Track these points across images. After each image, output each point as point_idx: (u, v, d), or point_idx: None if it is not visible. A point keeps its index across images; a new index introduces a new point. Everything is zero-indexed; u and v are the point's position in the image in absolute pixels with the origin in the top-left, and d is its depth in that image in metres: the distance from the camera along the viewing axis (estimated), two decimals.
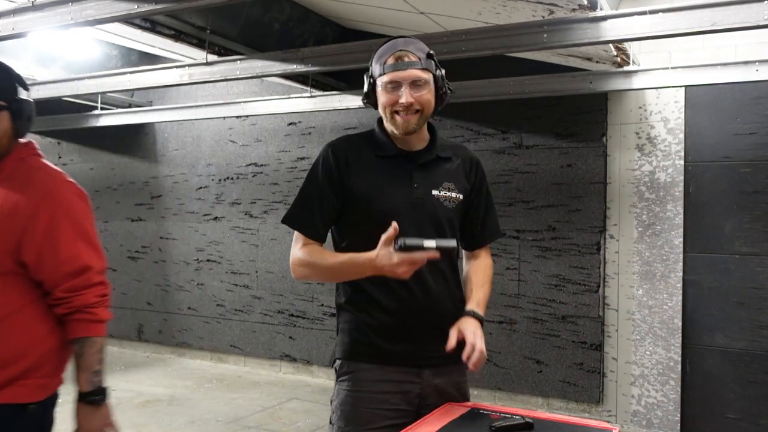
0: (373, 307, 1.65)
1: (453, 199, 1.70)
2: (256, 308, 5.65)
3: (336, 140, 1.73)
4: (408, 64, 1.59)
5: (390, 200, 1.64)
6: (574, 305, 4.32)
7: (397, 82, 1.59)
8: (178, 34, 3.64)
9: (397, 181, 1.67)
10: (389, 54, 1.61)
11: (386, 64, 1.61)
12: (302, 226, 1.68)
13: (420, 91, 1.60)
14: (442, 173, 1.71)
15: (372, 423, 1.62)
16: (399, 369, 1.65)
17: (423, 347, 1.66)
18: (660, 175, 4.07)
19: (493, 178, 4.59)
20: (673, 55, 3.94)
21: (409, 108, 1.60)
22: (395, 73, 1.59)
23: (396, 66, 1.59)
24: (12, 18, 2.85)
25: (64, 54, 4.84)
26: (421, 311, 1.65)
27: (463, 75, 4.26)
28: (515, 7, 3.04)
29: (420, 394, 1.66)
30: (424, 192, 1.67)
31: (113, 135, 6.35)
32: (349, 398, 1.65)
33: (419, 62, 1.60)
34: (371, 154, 1.69)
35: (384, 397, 1.63)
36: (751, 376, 3.85)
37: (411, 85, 1.59)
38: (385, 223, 1.58)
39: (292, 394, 4.91)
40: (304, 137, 5.42)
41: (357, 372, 1.66)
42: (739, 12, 2.59)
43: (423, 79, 1.60)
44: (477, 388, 4.64)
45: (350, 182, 1.65)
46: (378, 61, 1.64)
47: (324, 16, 4.38)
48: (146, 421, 4.21)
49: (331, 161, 1.67)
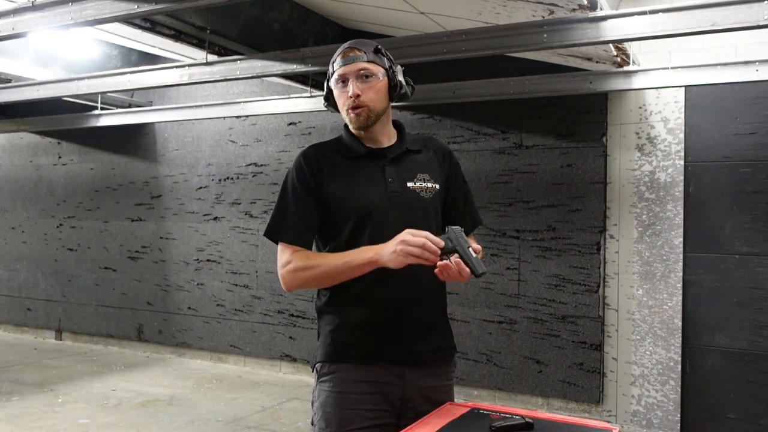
0: (356, 303, 1.65)
1: (429, 189, 1.70)
2: (256, 308, 5.65)
3: (306, 148, 1.74)
4: (353, 58, 1.63)
5: (366, 198, 1.65)
6: (574, 305, 4.32)
7: (345, 76, 1.63)
8: (178, 34, 3.64)
9: (370, 179, 1.67)
10: (338, 54, 1.66)
11: (335, 62, 1.66)
12: (287, 236, 1.66)
13: (366, 83, 1.62)
14: (415, 165, 1.72)
15: (353, 424, 1.62)
16: (382, 368, 1.64)
17: (408, 343, 1.66)
18: (660, 175, 4.08)
19: (493, 178, 4.59)
20: (673, 55, 3.95)
21: (356, 99, 1.62)
22: (342, 67, 1.63)
23: (343, 61, 1.64)
24: (12, 18, 2.85)
25: (64, 54, 4.84)
26: (408, 306, 1.65)
27: (463, 75, 4.27)
28: (515, 7, 3.04)
29: (402, 396, 1.65)
30: (399, 185, 1.67)
31: (113, 135, 6.35)
32: (330, 399, 1.65)
33: (365, 55, 1.63)
34: (341, 157, 1.70)
35: (364, 398, 1.63)
36: (751, 376, 3.86)
37: (358, 78, 1.62)
38: (365, 221, 1.62)
39: (292, 394, 4.91)
40: (304, 137, 5.42)
41: (338, 372, 1.65)
42: (739, 12, 2.59)
43: (369, 71, 1.62)
44: (477, 388, 4.64)
45: (325, 187, 1.65)
46: (330, 63, 1.69)
47: (324, 16, 4.38)
48: (146, 421, 4.21)
49: (304, 169, 1.67)
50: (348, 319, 1.66)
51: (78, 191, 6.69)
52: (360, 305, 1.65)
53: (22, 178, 7.11)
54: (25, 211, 7.09)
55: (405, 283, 1.62)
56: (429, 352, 1.69)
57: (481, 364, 4.62)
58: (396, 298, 1.64)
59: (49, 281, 6.90)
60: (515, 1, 2.97)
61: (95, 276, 6.57)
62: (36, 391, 4.83)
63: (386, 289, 1.62)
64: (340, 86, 1.65)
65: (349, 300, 1.66)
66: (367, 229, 1.63)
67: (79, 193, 6.68)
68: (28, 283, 7.05)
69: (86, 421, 4.16)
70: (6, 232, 7.24)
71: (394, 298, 1.64)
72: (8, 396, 4.69)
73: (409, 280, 1.62)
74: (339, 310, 1.67)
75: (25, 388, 4.93)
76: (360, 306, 1.65)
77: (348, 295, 1.65)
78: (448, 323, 1.79)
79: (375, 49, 1.66)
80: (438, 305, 1.74)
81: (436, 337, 1.73)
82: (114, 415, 4.33)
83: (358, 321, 1.65)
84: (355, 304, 1.65)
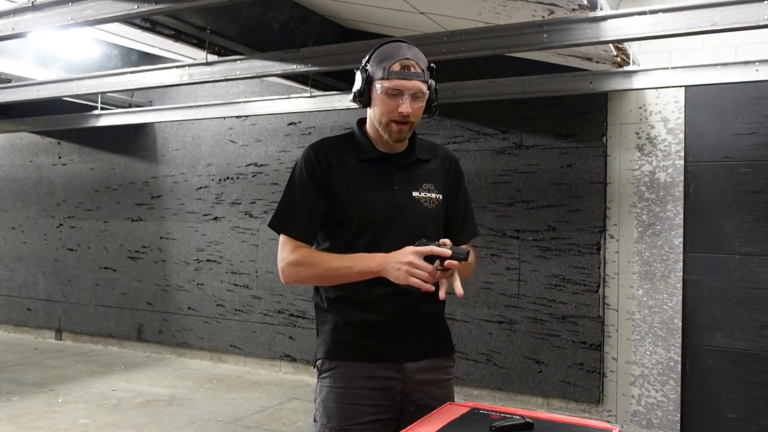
0: (354, 306, 1.66)
1: (433, 200, 1.71)
2: (256, 308, 5.65)
3: (316, 143, 1.72)
4: (413, 75, 1.58)
5: (372, 203, 1.65)
6: (574, 305, 4.32)
7: (401, 90, 1.58)
8: (178, 34, 3.64)
9: (378, 184, 1.67)
10: (395, 60, 1.58)
11: (390, 69, 1.57)
12: (291, 229, 1.65)
13: (418, 104, 1.61)
14: (422, 175, 1.72)
15: (354, 419, 1.63)
16: (381, 365, 1.65)
17: (406, 344, 1.67)
18: (660, 175, 4.08)
19: (493, 178, 4.59)
20: (673, 55, 3.95)
21: (406, 118, 1.59)
22: (400, 81, 1.57)
23: (402, 75, 1.57)
24: (12, 18, 2.85)
25: (64, 54, 4.84)
26: (406, 309, 1.66)
27: (463, 75, 4.27)
28: (515, 7, 3.04)
29: (403, 390, 1.67)
30: (404, 194, 1.67)
31: (113, 135, 6.35)
32: (332, 394, 1.66)
33: (422, 74, 1.60)
34: (352, 156, 1.69)
35: (365, 393, 1.64)
36: (751, 376, 3.86)
37: (411, 96, 1.59)
38: (367, 226, 1.62)
39: (292, 394, 4.91)
40: (304, 137, 5.42)
41: (338, 368, 1.67)
42: (739, 12, 2.59)
43: (422, 92, 1.61)
44: (477, 388, 4.64)
45: (333, 184, 1.65)
46: (380, 64, 1.59)
47: (324, 16, 4.38)
48: (146, 421, 4.21)
49: (314, 163, 1.65)
50: (347, 320, 1.67)
51: (78, 191, 6.69)
52: (359, 307, 1.66)
53: (22, 178, 7.11)
54: (25, 211, 7.09)
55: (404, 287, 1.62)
56: (425, 351, 1.71)
57: (481, 364, 4.62)
58: (396, 301, 1.65)
59: (49, 281, 6.91)
60: (515, 1, 2.96)
61: (95, 276, 6.57)
62: (36, 391, 4.83)
63: (386, 292, 1.62)
64: (391, 96, 1.59)
65: (348, 302, 1.67)
66: (369, 234, 1.64)
67: (79, 193, 6.68)
68: (28, 283, 7.05)
69: (86, 421, 4.16)
70: (6, 232, 7.24)
71: (393, 302, 1.65)
72: (8, 396, 4.69)
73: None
74: (339, 311, 1.68)
75: (25, 388, 4.93)
76: (360, 308, 1.66)
77: (348, 296, 1.66)
78: (446, 324, 1.81)
79: (428, 66, 1.63)
80: (436, 308, 1.75)
81: (434, 338, 1.75)
82: (114, 415, 4.33)
83: (358, 322, 1.66)
84: (355, 306, 1.66)
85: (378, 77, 1.59)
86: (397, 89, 1.57)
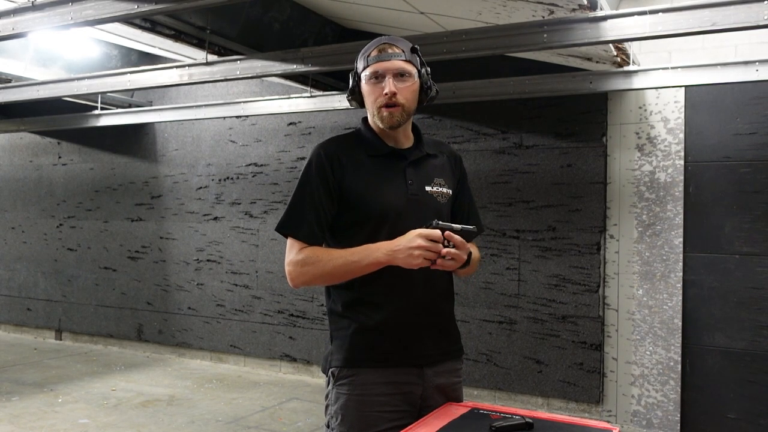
0: (372, 308, 1.63)
1: (444, 195, 1.71)
2: (256, 308, 5.65)
3: (325, 142, 1.70)
4: (391, 55, 1.59)
5: (387, 198, 1.63)
6: (574, 305, 4.32)
7: (381, 73, 1.59)
8: (178, 34, 3.64)
9: (391, 180, 1.66)
10: (373, 47, 1.62)
11: (370, 56, 1.61)
12: (300, 232, 1.61)
13: (404, 83, 1.60)
14: (432, 169, 1.72)
15: (374, 426, 1.60)
16: (401, 370, 1.63)
17: (426, 346, 1.66)
18: (660, 175, 4.08)
19: (493, 178, 4.59)
20: (673, 55, 3.95)
21: (392, 98, 1.58)
22: (379, 63, 1.59)
23: (380, 57, 1.59)
24: (12, 18, 2.85)
25: (64, 54, 4.84)
26: (421, 308, 1.65)
27: (463, 75, 4.27)
28: (515, 7, 3.04)
29: (422, 395, 1.66)
30: (418, 188, 1.67)
31: (113, 135, 6.35)
32: (351, 402, 1.62)
33: (403, 54, 1.60)
34: (363, 153, 1.67)
35: (386, 399, 1.62)
36: (751, 376, 3.86)
37: (395, 77, 1.59)
38: (384, 222, 1.59)
39: (292, 394, 4.91)
40: (304, 137, 5.42)
41: (357, 375, 1.63)
42: (739, 12, 2.59)
43: (407, 71, 1.60)
44: (477, 388, 4.64)
45: (346, 183, 1.62)
46: (362, 56, 1.64)
47: (324, 16, 4.38)
48: (146, 421, 4.21)
49: (325, 163, 1.63)
50: (365, 323, 1.63)
51: (78, 191, 6.69)
52: (376, 309, 1.63)
53: (22, 178, 7.11)
54: (25, 211, 7.09)
55: (420, 287, 1.63)
56: (442, 354, 1.70)
57: (481, 364, 4.62)
58: (412, 302, 1.64)
59: (49, 281, 6.91)
60: (515, 1, 2.97)
61: (95, 276, 6.57)
62: (36, 391, 4.83)
63: (402, 293, 1.62)
64: (374, 82, 1.60)
65: (365, 304, 1.64)
66: (384, 230, 1.61)
67: (79, 193, 6.68)
68: (28, 283, 7.05)
69: (86, 421, 4.16)
70: (6, 232, 7.24)
71: (409, 303, 1.63)
72: (8, 396, 4.69)
73: (423, 284, 1.63)
74: (355, 314, 1.64)
75: (25, 388, 4.93)
76: (376, 310, 1.63)
77: (363, 299, 1.63)
78: (457, 325, 1.81)
79: (412, 48, 1.63)
80: (449, 308, 1.75)
81: (449, 339, 1.75)
82: (114, 415, 4.33)
83: (376, 325, 1.62)
84: (372, 309, 1.63)
85: (361, 69, 1.64)
86: (377, 71, 1.59)
